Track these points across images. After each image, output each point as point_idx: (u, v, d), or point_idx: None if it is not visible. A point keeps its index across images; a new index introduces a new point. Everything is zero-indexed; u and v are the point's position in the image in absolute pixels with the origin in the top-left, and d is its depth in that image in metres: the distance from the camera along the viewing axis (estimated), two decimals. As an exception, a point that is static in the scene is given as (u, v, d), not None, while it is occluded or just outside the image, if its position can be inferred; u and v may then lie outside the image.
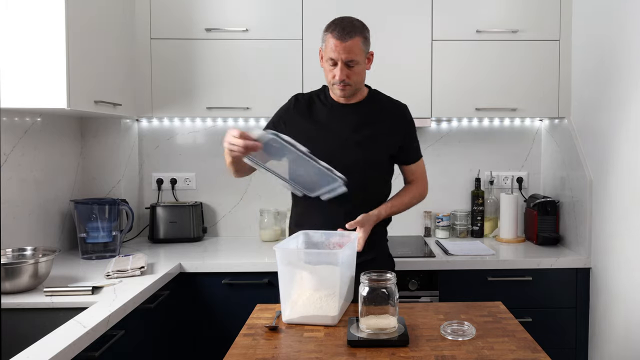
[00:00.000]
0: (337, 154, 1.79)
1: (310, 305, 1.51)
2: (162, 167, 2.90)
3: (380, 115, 1.88)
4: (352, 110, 1.88)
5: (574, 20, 2.54)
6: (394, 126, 1.89)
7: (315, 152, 1.69)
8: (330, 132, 1.86)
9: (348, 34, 1.73)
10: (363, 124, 1.86)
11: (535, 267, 2.35)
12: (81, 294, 1.79)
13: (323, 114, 1.89)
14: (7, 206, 2.05)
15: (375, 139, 1.86)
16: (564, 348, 2.38)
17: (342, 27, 1.74)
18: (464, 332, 1.42)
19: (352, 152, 1.83)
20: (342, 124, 1.86)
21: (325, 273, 1.51)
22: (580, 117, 2.50)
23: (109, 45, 2.32)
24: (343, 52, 1.73)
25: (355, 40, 1.74)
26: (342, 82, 1.77)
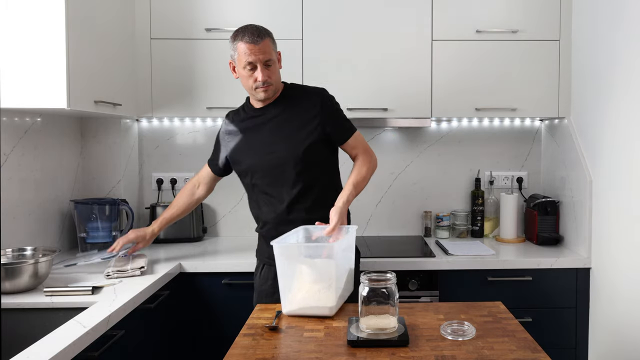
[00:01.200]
0: (268, 157, 1.91)
1: (309, 297, 1.55)
2: (162, 167, 2.90)
3: (298, 107, 1.94)
4: (271, 111, 1.95)
5: (574, 20, 2.54)
6: (311, 113, 1.92)
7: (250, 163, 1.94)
8: (257, 139, 1.95)
9: (259, 36, 1.83)
10: (284, 121, 1.93)
11: (535, 267, 2.35)
12: (81, 294, 1.79)
13: (248, 124, 1.99)
14: (7, 206, 2.05)
15: (299, 130, 1.91)
16: (564, 348, 2.38)
17: (251, 32, 1.83)
18: (464, 332, 1.42)
19: (282, 152, 1.90)
20: (266, 125, 1.94)
21: (322, 266, 1.54)
22: (580, 117, 2.50)
23: (109, 46, 2.32)
24: (260, 53, 1.82)
25: (266, 41, 1.85)
26: (265, 82, 1.85)
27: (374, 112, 2.55)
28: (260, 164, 1.93)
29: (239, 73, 1.91)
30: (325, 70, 2.55)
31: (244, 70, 1.86)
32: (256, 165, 1.94)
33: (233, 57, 1.90)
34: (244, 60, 1.84)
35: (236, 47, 1.86)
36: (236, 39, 1.86)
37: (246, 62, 1.83)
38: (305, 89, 2.02)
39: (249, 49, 1.82)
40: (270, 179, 1.93)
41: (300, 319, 1.57)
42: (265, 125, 1.94)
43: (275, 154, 1.91)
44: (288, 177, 1.91)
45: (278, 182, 1.92)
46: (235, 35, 1.88)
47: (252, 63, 1.83)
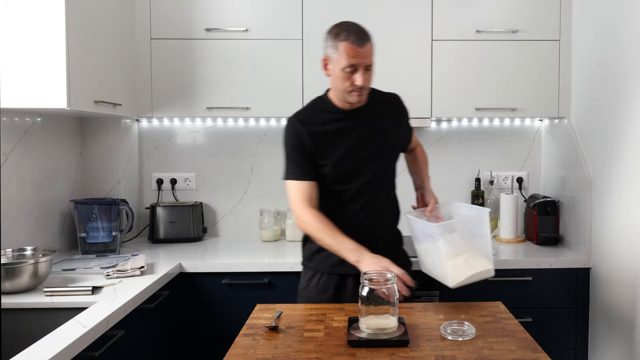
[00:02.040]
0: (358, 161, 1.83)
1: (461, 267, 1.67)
2: (162, 167, 2.90)
3: (384, 111, 1.90)
4: (360, 114, 1.85)
5: (574, 20, 2.54)
6: (396, 117, 1.93)
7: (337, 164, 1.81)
8: (347, 141, 1.82)
9: (364, 38, 1.72)
10: (374, 124, 1.86)
11: (535, 267, 2.35)
12: (81, 294, 1.79)
13: (334, 126, 1.83)
14: (7, 206, 2.05)
15: (389, 134, 1.89)
16: (564, 348, 2.38)
17: (356, 32, 1.72)
18: (464, 332, 1.42)
19: (374, 155, 1.85)
20: (356, 130, 1.83)
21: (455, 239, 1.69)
22: (580, 117, 2.50)
23: (109, 45, 2.32)
24: (364, 57, 1.71)
25: (370, 44, 1.75)
26: (362, 87, 1.74)
27: (374, 112, 2.55)
28: (347, 170, 1.82)
29: (333, 72, 1.78)
30: (325, 70, 2.54)
31: (342, 72, 1.73)
32: (343, 172, 1.82)
33: (330, 55, 1.76)
34: (345, 61, 1.71)
35: (337, 45, 1.72)
36: (339, 36, 1.73)
37: (348, 64, 1.71)
38: (383, 93, 1.95)
39: (353, 50, 1.70)
40: (361, 184, 1.83)
41: (300, 319, 1.57)
42: (357, 129, 1.83)
43: (366, 160, 1.83)
44: (380, 181, 1.88)
45: (369, 186, 1.85)
46: (337, 32, 1.74)
47: (354, 66, 1.71)
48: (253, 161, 2.90)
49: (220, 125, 2.89)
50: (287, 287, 2.31)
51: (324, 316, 1.59)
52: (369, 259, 1.65)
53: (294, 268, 2.30)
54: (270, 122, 2.88)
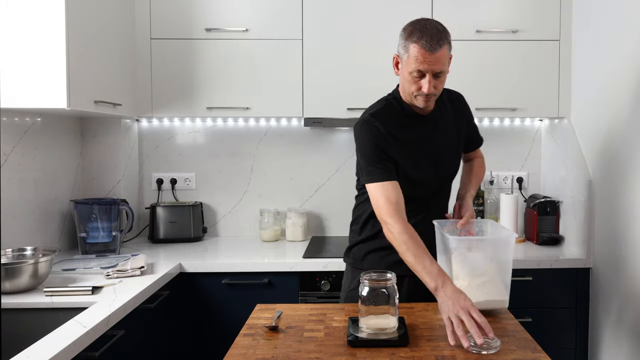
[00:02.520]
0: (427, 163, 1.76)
1: (475, 291, 1.52)
2: (162, 167, 2.90)
3: (450, 112, 1.83)
4: (433, 116, 1.78)
5: (574, 20, 2.54)
6: (460, 117, 1.86)
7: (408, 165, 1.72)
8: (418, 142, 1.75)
9: (437, 43, 1.58)
10: (443, 126, 1.80)
11: (535, 267, 2.35)
12: (81, 294, 1.79)
13: (407, 126, 1.75)
14: (7, 206, 2.05)
15: (455, 138, 1.84)
16: (564, 348, 2.38)
17: (430, 35, 1.58)
18: (489, 345, 1.33)
19: (442, 158, 1.79)
20: (426, 131, 1.76)
21: (475, 259, 1.56)
22: (580, 117, 2.50)
23: (109, 45, 2.32)
24: (434, 64, 1.59)
25: (444, 49, 1.60)
26: (429, 94, 1.64)
27: (374, 112, 2.55)
28: (416, 172, 1.74)
29: (402, 72, 1.68)
30: (325, 70, 2.55)
31: (409, 75, 1.63)
32: (413, 173, 1.73)
33: (401, 54, 1.66)
34: (413, 65, 1.60)
35: (408, 47, 1.61)
36: (411, 37, 1.60)
37: (415, 69, 1.60)
38: (448, 91, 1.86)
39: (422, 55, 1.58)
40: (432, 191, 1.79)
41: (300, 319, 1.57)
42: (426, 130, 1.76)
43: (435, 163, 1.77)
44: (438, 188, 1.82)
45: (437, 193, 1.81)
46: (411, 32, 1.61)
47: (422, 72, 1.61)
48: (253, 161, 2.90)
49: (220, 125, 2.89)
50: (287, 287, 2.31)
51: (324, 316, 1.59)
52: (449, 292, 1.43)
53: (294, 268, 2.30)
54: (270, 122, 2.88)
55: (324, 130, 2.90)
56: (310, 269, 2.31)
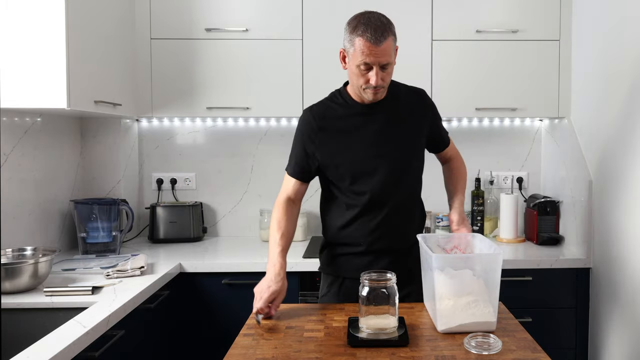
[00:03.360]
0: (376, 158, 1.73)
1: (461, 312, 1.44)
2: (162, 167, 2.90)
3: (405, 107, 1.78)
4: (379, 108, 1.74)
5: (574, 20, 2.54)
6: (418, 114, 1.79)
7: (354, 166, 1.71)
8: (364, 137, 1.73)
9: (382, 35, 1.58)
10: (393, 120, 1.75)
11: (535, 267, 2.35)
12: (81, 294, 1.79)
13: (351, 121, 1.75)
14: (7, 206, 2.05)
15: (409, 132, 1.77)
16: (564, 348, 2.38)
17: (374, 28, 1.58)
18: (490, 345, 1.34)
19: (392, 152, 1.74)
20: (373, 125, 1.74)
21: (465, 278, 1.47)
22: (580, 117, 2.50)
23: (109, 45, 2.32)
24: (379, 55, 1.59)
25: (389, 40, 1.60)
26: (377, 86, 1.64)
27: (374, 112, 2.55)
28: (365, 167, 1.73)
29: (349, 66, 1.68)
30: (325, 70, 2.54)
31: (356, 69, 1.63)
32: (361, 169, 1.73)
33: (347, 48, 1.66)
34: (359, 58, 1.60)
35: (353, 40, 1.61)
36: (355, 31, 1.61)
37: (361, 62, 1.60)
38: (408, 87, 1.84)
39: (367, 48, 1.58)
40: (384, 186, 1.73)
41: (300, 319, 1.57)
42: (373, 124, 1.73)
43: (385, 157, 1.73)
44: (393, 183, 1.74)
45: (393, 189, 1.74)
46: (355, 26, 1.62)
47: (368, 64, 1.61)
48: (253, 161, 2.90)
49: (220, 125, 2.89)
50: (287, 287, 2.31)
51: (324, 316, 1.59)
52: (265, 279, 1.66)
53: (294, 268, 2.30)
54: (270, 122, 2.88)
55: (324, 130, 2.89)
56: (310, 269, 2.31)
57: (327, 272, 1.86)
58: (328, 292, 1.83)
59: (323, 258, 1.88)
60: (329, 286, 1.84)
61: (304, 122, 1.79)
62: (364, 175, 1.73)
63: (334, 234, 1.82)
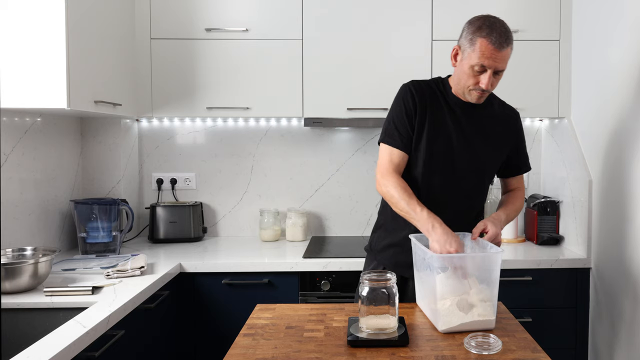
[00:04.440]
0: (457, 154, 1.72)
1: (462, 312, 1.45)
2: (162, 167, 2.90)
3: (497, 119, 1.78)
4: (475, 111, 1.75)
5: (574, 20, 2.54)
6: (508, 131, 1.79)
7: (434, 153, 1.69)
8: (451, 133, 1.72)
9: (505, 41, 1.59)
10: (484, 128, 1.75)
11: (535, 267, 2.35)
12: (81, 294, 1.79)
13: (445, 110, 1.73)
14: (7, 206, 2.05)
15: (494, 144, 1.76)
16: (564, 348, 2.38)
17: (499, 32, 1.59)
18: (490, 345, 1.34)
19: (473, 154, 1.73)
20: (464, 125, 1.73)
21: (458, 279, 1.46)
22: (580, 117, 2.50)
23: (109, 45, 2.32)
24: (498, 61, 1.59)
25: (509, 48, 1.61)
26: (485, 90, 1.64)
27: (374, 112, 2.55)
28: (441, 163, 1.71)
29: (460, 65, 1.66)
30: (325, 70, 2.55)
31: (470, 69, 1.62)
32: (437, 163, 1.71)
33: (464, 46, 1.64)
34: (477, 59, 1.59)
35: (475, 40, 1.60)
36: (479, 31, 1.60)
37: (478, 64, 1.60)
38: (504, 103, 1.84)
39: (489, 51, 1.58)
40: (449, 180, 1.72)
41: (300, 319, 1.57)
42: (464, 124, 1.73)
43: (465, 155, 1.71)
44: (467, 184, 1.73)
45: (455, 185, 1.73)
46: (479, 26, 1.61)
47: (484, 67, 1.60)
48: (253, 161, 2.90)
49: (220, 125, 2.89)
50: (287, 287, 2.31)
51: (324, 316, 1.59)
52: (439, 232, 1.53)
53: (294, 268, 2.30)
54: (270, 122, 2.88)
55: (324, 130, 2.90)
56: (310, 269, 2.31)
57: (372, 256, 1.88)
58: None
59: (374, 239, 1.89)
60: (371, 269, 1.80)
61: (407, 93, 1.74)
62: (438, 171, 1.72)
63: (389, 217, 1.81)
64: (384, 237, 1.85)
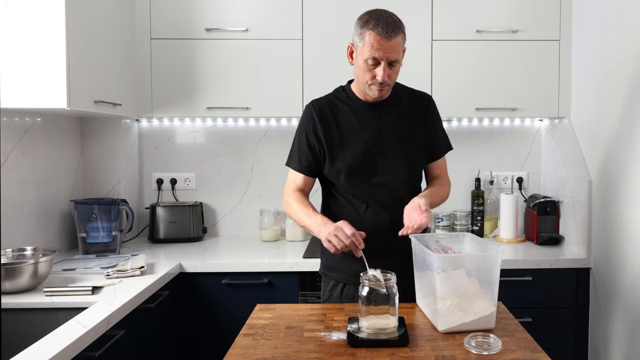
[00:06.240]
0: (377, 156, 1.73)
1: (462, 312, 1.44)
2: (162, 167, 2.90)
3: (407, 109, 1.78)
4: (382, 108, 1.75)
5: (574, 20, 2.54)
6: (419, 118, 1.79)
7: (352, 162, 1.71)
8: (364, 135, 1.73)
9: (393, 31, 1.59)
10: (396, 121, 1.75)
11: (535, 267, 2.35)
12: (81, 294, 1.79)
13: (352, 117, 1.75)
14: (7, 206, 2.05)
15: (410, 135, 1.76)
16: (564, 348, 2.38)
17: (386, 23, 1.59)
18: (490, 345, 1.34)
19: (393, 152, 1.73)
20: (376, 124, 1.74)
21: (457, 278, 1.45)
22: (580, 117, 2.50)
23: (109, 45, 2.32)
24: (388, 51, 1.60)
25: (399, 37, 1.62)
26: (383, 83, 1.65)
27: (374, 112, 2.55)
28: (363, 166, 1.73)
29: (356, 61, 1.68)
30: (325, 70, 2.55)
31: (364, 63, 1.63)
32: (358, 165, 1.73)
33: (356, 43, 1.66)
34: (367, 53, 1.61)
35: (364, 34, 1.61)
36: (366, 25, 1.61)
37: (370, 56, 1.61)
38: (413, 91, 1.84)
39: (378, 42, 1.59)
40: (377, 182, 1.73)
41: (300, 319, 1.57)
42: (377, 121, 1.74)
43: (385, 155, 1.73)
44: (391, 182, 1.74)
45: (384, 185, 1.73)
46: (366, 20, 1.62)
47: (377, 59, 1.61)
48: (253, 161, 2.90)
49: (220, 125, 2.89)
50: (287, 287, 2.31)
51: (324, 316, 1.59)
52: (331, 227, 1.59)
53: (294, 268, 2.30)
54: (270, 122, 2.88)
55: (324, 130, 2.89)
56: (310, 269, 2.31)
57: (328, 276, 1.85)
58: (330, 297, 1.83)
59: (324, 260, 1.88)
60: (330, 290, 1.83)
61: (308, 117, 1.78)
62: (361, 174, 1.73)
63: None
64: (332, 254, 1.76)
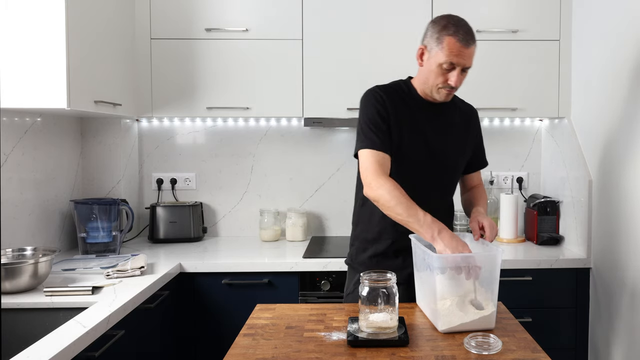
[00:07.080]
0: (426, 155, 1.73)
1: (462, 312, 1.44)
2: (162, 167, 2.90)
3: (462, 117, 1.83)
4: (441, 110, 1.77)
5: (574, 20, 2.54)
6: (468, 127, 1.83)
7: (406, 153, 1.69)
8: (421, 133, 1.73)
9: (472, 38, 1.64)
10: (452, 125, 1.78)
11: (535, 267, 2.35)
12: (81, 294, 1.79)
13: (411, 113, 1.74)
14: (7, 206, 2.05)
15: (462, 140, 1.80)
16: (564, 348, 2.38)
17: (465, 30, 1.63)
18: (490, 345, 1.34)
19: (444, 154, 1.75)
20: (434, 124, 1.75)
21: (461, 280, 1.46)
22: (580, 117, 2.50)
23: (109, 45, 2.32)
24: (466, 58, 1.63)
25: (475, 46, 1.66)
26: (454, 88, 1.67)
27: (374, 112, 2.55)
28: (413, 162, 1.72)
29: (428, 64, 1.68)
30: (325, 70, 2.55)
31: (438, 67, 1.64)
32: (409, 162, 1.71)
33: (431, 46, 1.66)
34: (445, 57, 1.62)
35: (443, 39, 1.62)
36: (446, 30, 1.62)
37: (447, 61, 1.62)
38: (463, 101, 1.89)
39: (457, 49, 1.61)
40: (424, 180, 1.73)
41: (300, 319, 1.57)
42: (432, 122, 1.75)
43: (441, 155, 1.74)
44: (440, 183, 1.77)
45: (429, 185, 1.74)
46: (445, 25, 1.64)
47: (453, 64, 1.63)
48: (253, 161, 2.90)
49: (220, 125, 2.89)
50: (287, 287, 2.31)
51: (324, 316, 1.59)
52: (447, 237, 1.48)
53: (294, 268, 2.30)
54: (270, 122, 2.88)
55: (324, 130, 2.90)
56: (310, 269, 2.31)
57: (355, 270, 1.83)
58: (354, 291, 1.79)
59: (353, 251, 1.86)
60: (355, 284, 1.79)
61: (377, 97, 1.72)
62: (412, 172, 1.72)
63: (370, 226, 1.79)
64: (363, 248, 1.81)
